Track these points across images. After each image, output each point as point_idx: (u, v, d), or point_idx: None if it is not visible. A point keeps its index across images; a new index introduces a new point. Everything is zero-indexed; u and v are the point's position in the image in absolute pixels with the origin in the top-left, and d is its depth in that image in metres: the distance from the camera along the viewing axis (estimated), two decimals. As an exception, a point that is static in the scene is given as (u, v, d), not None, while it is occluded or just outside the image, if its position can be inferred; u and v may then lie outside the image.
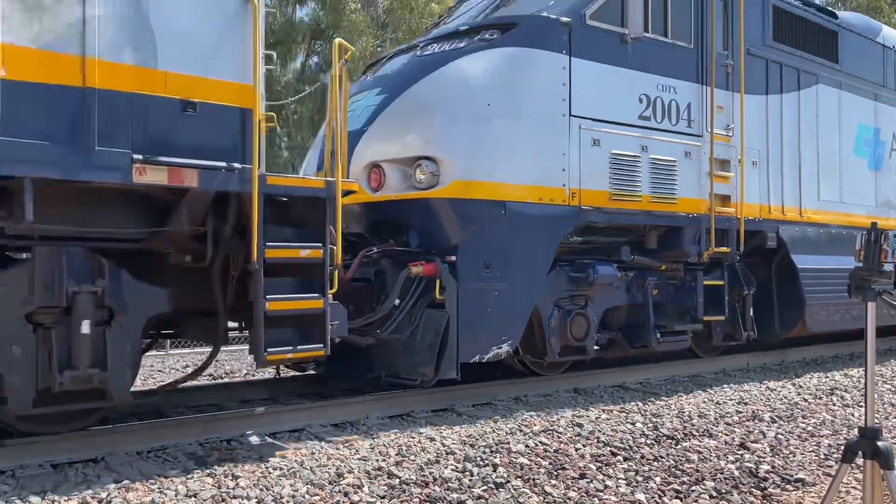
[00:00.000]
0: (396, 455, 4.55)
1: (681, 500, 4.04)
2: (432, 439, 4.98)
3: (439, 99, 6.20)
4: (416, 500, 3.81)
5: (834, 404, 6.58)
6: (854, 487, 4.29)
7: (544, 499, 3.92)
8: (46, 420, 4.52)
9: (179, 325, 5.58)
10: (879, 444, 2.75)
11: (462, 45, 6.49)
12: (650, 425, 5.44)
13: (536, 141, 6.34)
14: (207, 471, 4.18)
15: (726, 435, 5.31)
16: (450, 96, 6.18)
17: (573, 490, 4.05)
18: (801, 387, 7.40)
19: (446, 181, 5.98)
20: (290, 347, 4.75)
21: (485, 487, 3.99)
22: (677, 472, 4.45)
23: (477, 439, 4.96)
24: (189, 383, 7.73)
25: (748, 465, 4.62)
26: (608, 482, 4.19)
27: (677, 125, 7.40)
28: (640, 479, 4.29)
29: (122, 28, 4.10)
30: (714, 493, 4.14)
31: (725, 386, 7.38)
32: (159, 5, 4.23)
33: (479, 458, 4.46)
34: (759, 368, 8.77)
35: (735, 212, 7.91)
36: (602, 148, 6.74)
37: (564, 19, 6.50)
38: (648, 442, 5.03)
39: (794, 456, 4.92)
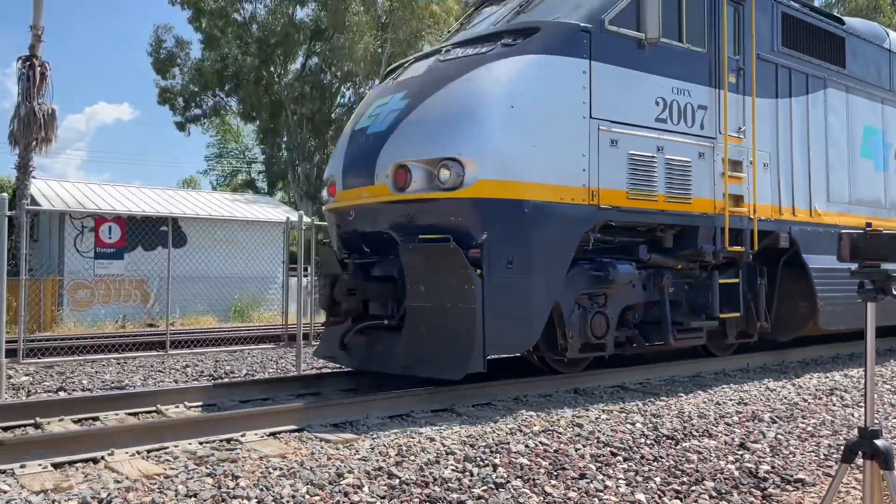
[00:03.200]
0: (396, 455, 4.55)
1: (681, 500, 4.04)
2: (432, 439, 4.98)
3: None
4: (416, 500, 3.81)
5: (834, 404, 6.58)
6: (854, 487, 4.29)
7: (544, 499, 3.92)
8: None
9: None
10: (879, 444, 2.74)
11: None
12: (650, 425, 5.44)
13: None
14: (207, 471, 4.18)
15: (726, 435, 5.31)
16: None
17: (573, 490, 4.05)
18: (800, 387, 7.40)
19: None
20: None
21: (485, 488, 3.99)
22: (677, 472, 4.45)
23: (477, 439, 4.96)
24: (190, 384, 7.75)
25: (748, 465, 4.62)
26: (608, 482, 4.19)
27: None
28: (640, 479, 4.29)
29: None
30: (714, 494, 4.14)
31: (725, 386, 7.38)
32: None
33: (479, 459, 4.46)
34: (759, 368, 8.77)
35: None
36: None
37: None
38: (648, 442, 5.02)
39: (793, 456, 4.92)
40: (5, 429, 5.65)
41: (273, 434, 5.26)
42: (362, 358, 7.10)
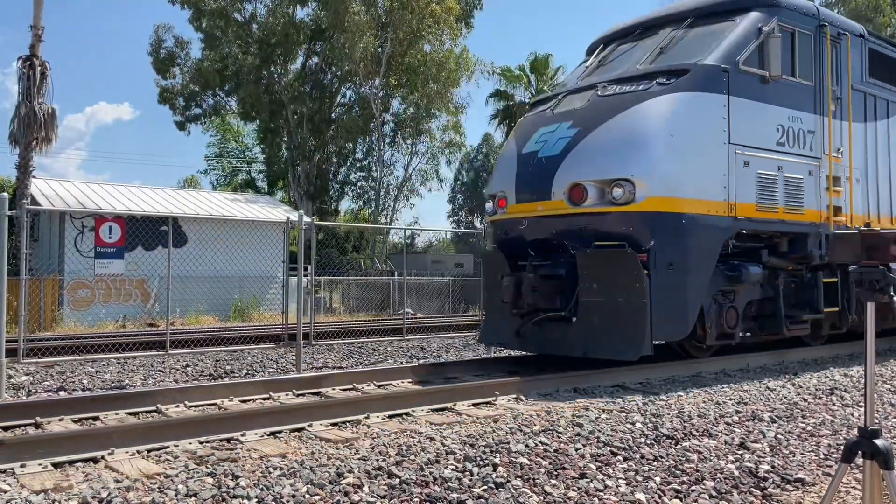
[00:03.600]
0: (396, 455, 4.55)
1: (681, 499, 4.04)
2: (432, 439, 4.98)
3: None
4: (416, 500, 3.81)
5: (834, 404, 6.58)
6: (854, 487, 4.29)
7: (544, 499, 3.92)
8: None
9: None
10: (879, 444, 2.74)
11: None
12: (650, 425, 5.44)
13: None
14: (207, 470, 4.18)
15: (726, 435, 5.31)
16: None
17: (573, 490, 4.05)
18: (800, 387, 7.40)
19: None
20: None
21: (485, 487, 3.99)
22: (677, 471, 4.45)
23: (477, 439, 4.96)
24: (189, 383, 7.75)
25: (748, 464, 4.62)
26: (608, 482, 4.19)
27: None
28: (639, 478, 4.29)
29: None
30: (714, 493, 4.14)
31: (725, 386, 7.38)
32: None
33: (479, 458, 4.46)
34: (759, 368, 8.78)
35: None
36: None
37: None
38: (648, 442, 5.02)
39: (793, 456, 4.92)
40: (5, 429, 5.65)
41: (273, 434, 5.26)
42: (538, 344, 8.34)
